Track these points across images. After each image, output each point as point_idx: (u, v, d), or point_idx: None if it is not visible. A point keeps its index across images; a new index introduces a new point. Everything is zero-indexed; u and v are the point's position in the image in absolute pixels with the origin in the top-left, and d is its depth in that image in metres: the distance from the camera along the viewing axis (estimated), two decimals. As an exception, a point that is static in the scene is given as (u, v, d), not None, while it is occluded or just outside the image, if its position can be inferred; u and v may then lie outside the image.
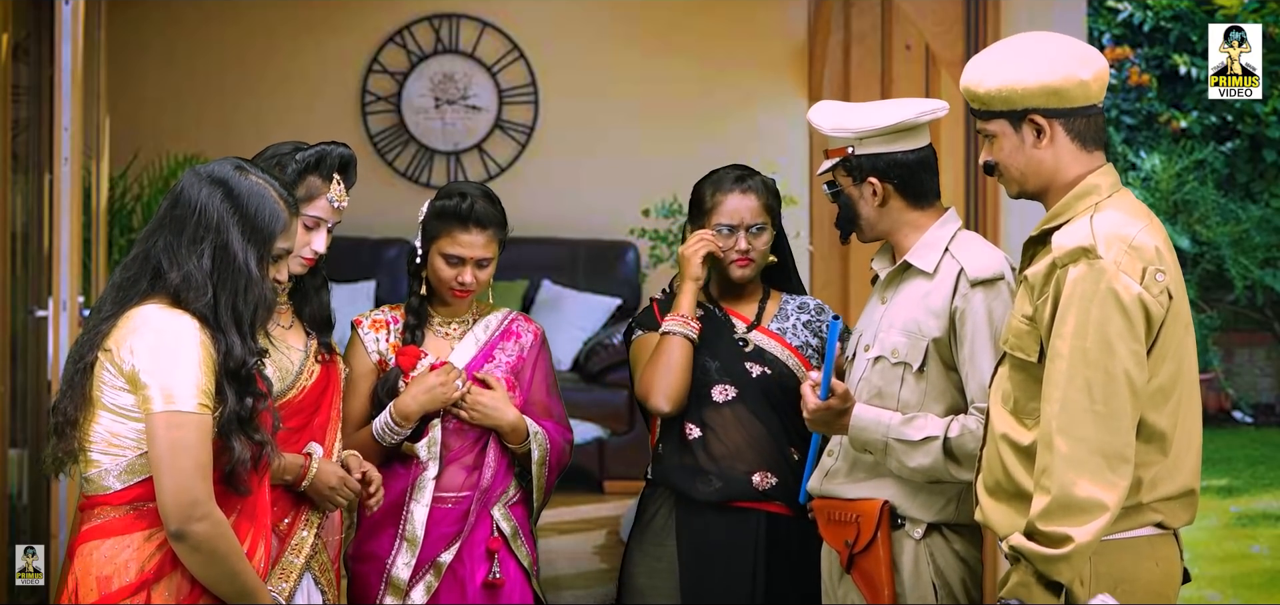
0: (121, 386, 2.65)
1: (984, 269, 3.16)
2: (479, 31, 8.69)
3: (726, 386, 3.55)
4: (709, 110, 8.54)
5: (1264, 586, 6.67)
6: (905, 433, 3.13)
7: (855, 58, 6.67)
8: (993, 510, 2.82)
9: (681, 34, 8.61)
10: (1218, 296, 10.15)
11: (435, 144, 8.69)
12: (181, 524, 2.60)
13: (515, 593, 3.55)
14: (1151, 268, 2.67)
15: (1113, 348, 2.62)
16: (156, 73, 8.41)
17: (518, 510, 3.59)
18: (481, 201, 3.51)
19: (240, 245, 2.69)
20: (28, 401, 5.28)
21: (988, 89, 2.82)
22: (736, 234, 3.55)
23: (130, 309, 2.68)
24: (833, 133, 3.26)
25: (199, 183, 2.72)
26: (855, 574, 3.22)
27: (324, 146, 3.25)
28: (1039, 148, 2.80)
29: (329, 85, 8.62)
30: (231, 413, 2.67)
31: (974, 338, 3.12)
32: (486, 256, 3.51)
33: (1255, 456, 9.18)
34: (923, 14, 5.19)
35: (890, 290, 3.28)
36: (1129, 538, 2.72)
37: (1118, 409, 2.63)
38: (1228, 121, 10.09)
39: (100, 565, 2.66)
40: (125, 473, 2.66)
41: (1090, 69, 2.79)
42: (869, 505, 3.19)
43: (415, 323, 3.57)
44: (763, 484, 3.53)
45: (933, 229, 3.25)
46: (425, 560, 3.50)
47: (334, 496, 3.24)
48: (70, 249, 4.47)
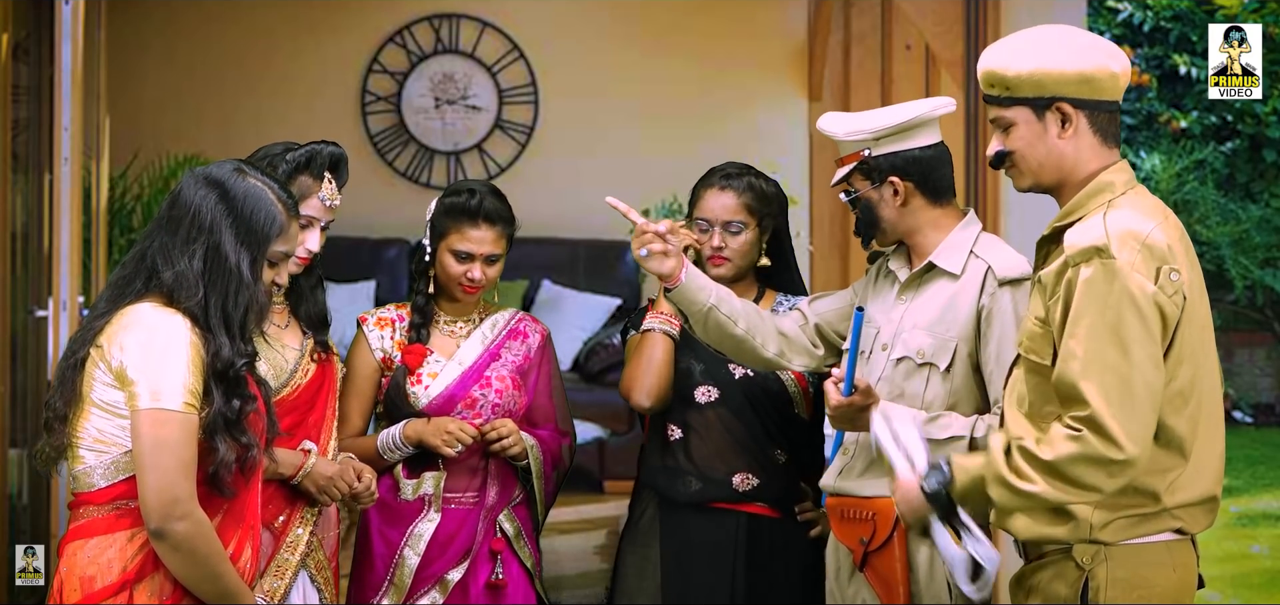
0: (110, 383, 2.64)
1: (1012, 268, 3.16)
2: (479, 31, 8.69)
3: (709, 388, 3.57)
4: (709, 110, 8.54)
5: (1264, 586, 6.67)
6: (931, 431, 3.09)
7: (855, 58, 6.68)
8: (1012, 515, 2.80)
9: (681, 34, 8.61)
10: (1218, 296, 10.15)
11: (435, 144, 8.69)
12: (162, 522, 2.58)
13: (518, 593, 3.55)
14: (1166, 267, 2.61)
15: (1128, 349, 2.56)
16: (156, 73, 8.41)
17: (521, 511, 3.59)
18: (490, 198, 3.53)
19: (233, 247, 2.69)
20: (28, 401, 5.28)
21: (1017, 72, 2.74)
22: (711, 231, 3.55)
23: (124, 307, 2.68)
24: (847, 137, 3.24)
25: (196, 184, 2.73)
26: (868, 572, 3.21)
27: (314, 146, 3.26)
28: (1063, 138, 2.74)
29: (329, 85, 8.62)
30: (217, 413, 2.66)
31: (1001, 337, 3.11)
32: (495, 253, 3.53)
33: (1255, 456, 9.19)
34: (923, 14, 5.20)
35: (912, 291, 3.26)
36: (1148, 543, 2.68)
37: (1131, 412, 2.57)
38: (1228, 121, 10.09)
39: (84, 565, 2.65)
40: (110, 470, 2.66)
41: (1120, 63, 2.75)
42: (886, 503, 3.16)
43: (421, 321, 3.57)
44: (743, 485, 3.54)
45: (956, 231, 3.23)
46: (433, 576, 3.50)
47: (330, 488, 3.24)
48: (70, 249, 4.47)
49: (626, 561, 3.65)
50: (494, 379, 3.57)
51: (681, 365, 3.57)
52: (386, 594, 3.49)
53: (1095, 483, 2.58)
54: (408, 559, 3.50)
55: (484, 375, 3.56)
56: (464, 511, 3.54)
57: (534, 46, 8.70)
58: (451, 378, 3.54)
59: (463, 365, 3.56)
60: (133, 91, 8.02)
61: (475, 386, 3.55)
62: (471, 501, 3.54)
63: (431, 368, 3.54)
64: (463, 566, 3.51)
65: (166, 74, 8.45)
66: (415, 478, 3.52)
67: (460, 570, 3.51)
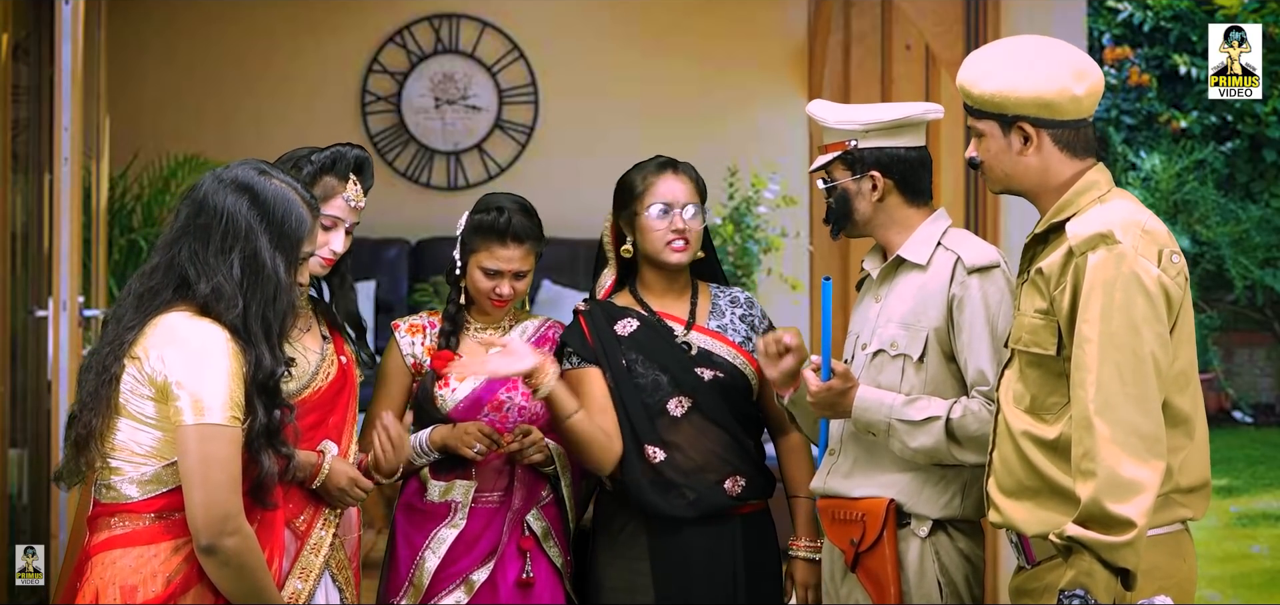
0: (147, 395, 2.62)
1: (980, 257, 3.19)
2: (479, 31, 8.69)
3: (681, 398, 3.49)
4: (709, 110, 8.54)
5: (1264, 586, 6.67)
6: (908, 413, 3.13)
7: (855, 58, 6.67)
8: (1016, 509, 2.81)
9: (681, 34, 8.61)
10: (1218, 296, 10.15)
11: (435, 144, 8.69)
12: (214, 538, 2.57)
13: (547, 592, 3.55)
14: (1167, 250, 2.69)
15: (1139, 331, 2.63)
16: (156, 73, 8.41)
17: (549, 511, 3.59)
18: (519, 215, 3.54)
19: (269, 253, 2.66)
20: (28, 401, 5.28)
21: (981, 92, 2.84)
22: (672, 213, 3.51)
23: (155, 317, 2.64)
24: (837, 124, 3.26)
25: (223, 188, 2.68)
26: (860, 573, 3.22)
27: (339, 147, 3.30)
28: (1025, 154, 2.82)
29: (329, 85, 8.62)
30: (261, 427, 2.65)
31: (972, 324, 3.14)
32: (524, 269, 3.54)
33: (1255, 456, 9.18)
34: (923, 14, 5.20)
35: (884, 287, 3.29)
36: (1164, 533, 2.72)
37: (1148, 392, 2.63)
38: (1228, 121, 10.09)
39: (124, 574, 2.62)
40: (149, 483, 2.64)
41: (1084, 84, 2.81)
42: (874, 503, 3.19)
43: (451, 329, 3.59)
44: (735, 489, 3.50)
45: (924, 226, 3.27)
46: (456, 575, 3.51)
47: (344, 498, 3.25)
48: (70, 249, 4.47)
49: (610, 574, 3.53)
50: (520, 383, 3.57)
51: (648, 377, 3.49)
52: (406, 595, 3.51)
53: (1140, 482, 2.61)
54: (427, 561, 3.51)
55: (510, 379, 3.56)
56: (489, 512, 3.55)
57: (534, 46, 8.70)
58: (478, 381, 3.55)
59: None
60: (133, 91, 8.02)
61: (501, 390, 3.55)
62: (497, 502, 3.55)
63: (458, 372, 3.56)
64: (488, 566, 3.51)
65: (166, 74, 8.45)
66: (442, 481, 3.54)
67: (486, 570, 3.51)
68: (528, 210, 3.58)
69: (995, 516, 2.87)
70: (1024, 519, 2.78)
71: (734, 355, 3.53)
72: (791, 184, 8.08)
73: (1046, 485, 2.75)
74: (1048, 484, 2.75)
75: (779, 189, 8.06)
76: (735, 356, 3.53)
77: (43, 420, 5.21)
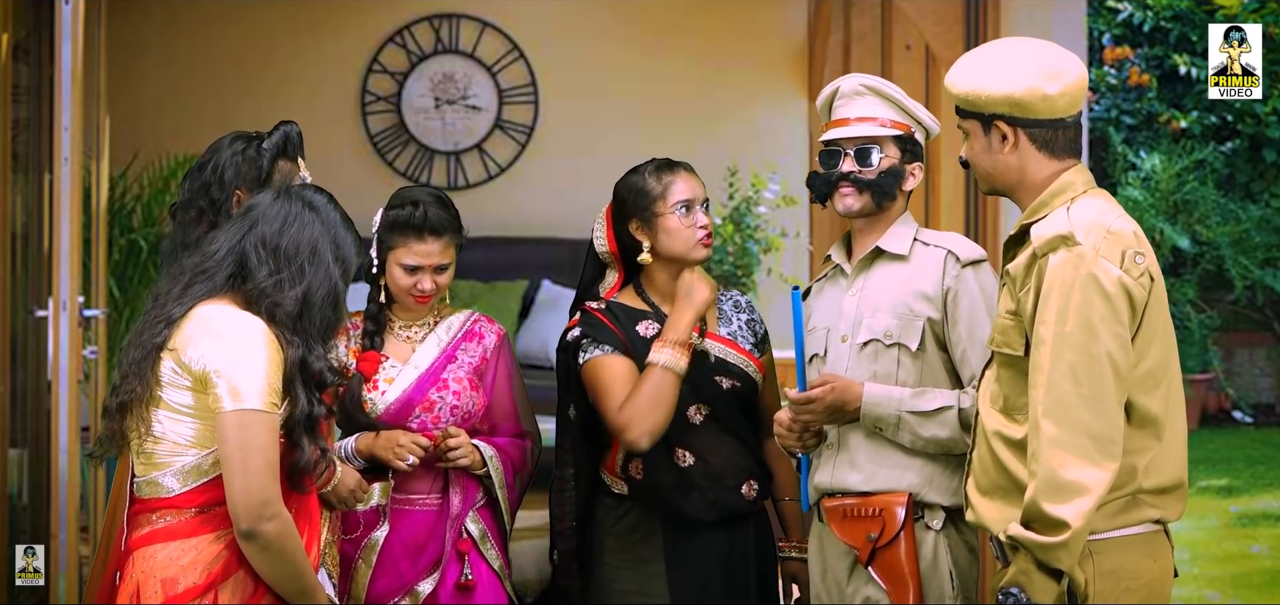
0: (185, 385, 2.68)
1: (971, 251, 3.27)
2: (479, 31, 8.69)
3: (700, 406, 3.48)
4: (709, 110, 8.54)
5: (1264, 586, 6.66)
6: (918, 404, 3.17)
7: (855, 58, 6.67)
8: (987, 507, 2.83)
9: (681, 34, 8.61)
10: (1218, 296, 10.15)
11: (435, 144, 8.68)
12: (253, 524, 2.63)
13: (488, 594, 3.53)
14: (1130, 251, 2.71)
15: (1095, 331, 2.65)
16: (156, 73, 8.40)
17: (485, 513, 3.56)
18: (435, 208, 3.48)
19: (336, 275, 2.79)
20: (28, 401, 5.29)
21: (959, 91, 2.89)
22: (694, 210, 3.50)
23: (195, 307, 2.71)
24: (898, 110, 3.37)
25: (289, 201, 2.80)
26: (877, 568, 3.22)
27: (284, 128, 3.33)
28: (1004, 152, 2.86)
29: (329, 85, 8.62)
30: (302, 414, 2.73)
31: (971, 314, 3.18)
32: (444, 262, 3.50)
33: (1255, 456, 9.18)
34: (923, 14, 5.20)
35: (860, 278, 3.32)
36: (1130, 535, 2.74)
37: (1103, 392, 2.65)
38: (1228, 121, 10.09)
39: (164, 567, 2.68)
40: (190, 474, 2.70)
41: (1058, 84, 2.82)
42: (892, 498, 3.20)
43: (374, 329, 3.55)
44: (750, 493, 3.52)
45: (897, 224, 3.33)
46: (402, 586, 3.49)
47: (351, 500, 3.30)
48: (70, 249, 4.47)
49: (620, 577, 3.50)
50: (451, 381, 3.54)
51: None
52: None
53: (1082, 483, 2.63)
54: (360, 570, 3.47)
55: (440, 377, 3.54)
56: (430, 518, 3.51)
57: (534, 46, 8.70)
58: (408, 382, 3.51)
59: (419, 369, 3.54)
60: (133, 91, 8.02)
61: (432, 389, 3.52)
62: (435, 505, 3.52)
63: (387, 373, 3.52)
64: (433, 577, 3.49)
65: (166, 74, 8.44)
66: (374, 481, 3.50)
67: (431, 582, 3.49)
68: (444, 203, 3.53)
69: (971, 515, 2.90)
70: (994, 518, 2.81)
71: (746, 363, 3.54)
72: (791, 184, 8.08)
73: (1015, 485, 2.77)
74: (1016, 484, 2.77)
75: (779, 189, 8.06)
76: (746, 364, 3.54)
77: (43, 420, 5.21)
